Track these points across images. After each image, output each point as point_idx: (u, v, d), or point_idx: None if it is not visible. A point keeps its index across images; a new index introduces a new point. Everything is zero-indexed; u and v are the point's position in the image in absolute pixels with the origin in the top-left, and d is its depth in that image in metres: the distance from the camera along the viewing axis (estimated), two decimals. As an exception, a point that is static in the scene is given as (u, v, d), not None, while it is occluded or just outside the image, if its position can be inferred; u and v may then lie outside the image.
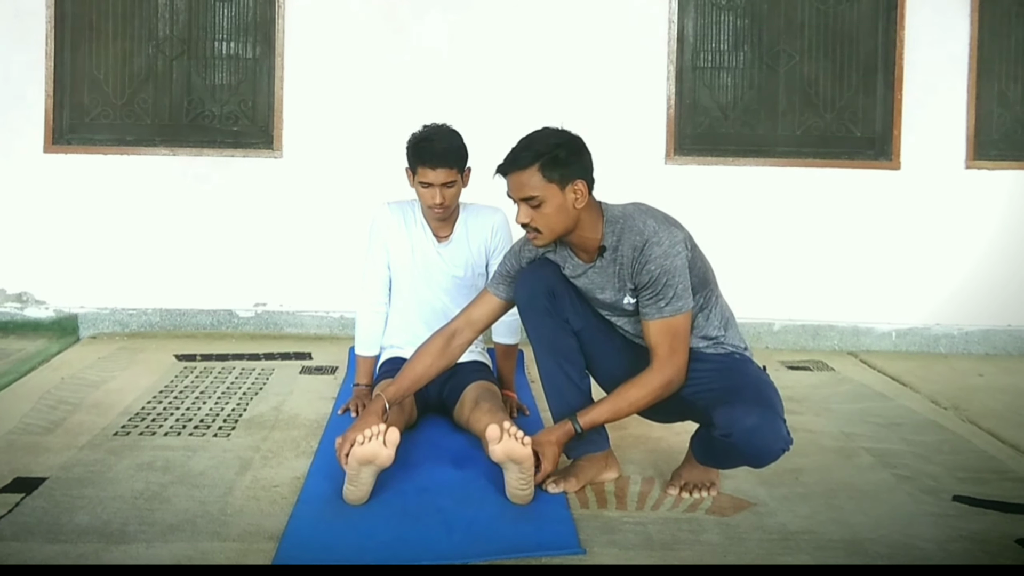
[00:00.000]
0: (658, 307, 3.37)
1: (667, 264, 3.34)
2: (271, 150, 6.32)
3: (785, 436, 3.30)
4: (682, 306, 3.37)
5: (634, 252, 3.39)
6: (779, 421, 3.30)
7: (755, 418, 3.23)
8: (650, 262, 3.35)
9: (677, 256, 3.36)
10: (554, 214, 3.37)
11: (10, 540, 3.08)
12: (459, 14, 6.29)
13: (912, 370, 5.81)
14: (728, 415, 3.25)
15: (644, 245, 3.37)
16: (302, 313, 6.43)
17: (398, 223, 4.38)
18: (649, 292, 3.37)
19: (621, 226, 3.44)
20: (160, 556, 2.99)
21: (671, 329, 3.38)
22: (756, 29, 6.38)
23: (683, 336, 3.41)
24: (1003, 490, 3.73)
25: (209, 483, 3.63)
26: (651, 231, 3.38)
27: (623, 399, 3.43)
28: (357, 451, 3.26)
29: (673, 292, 3.35)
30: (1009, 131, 6.40)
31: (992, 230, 6.38)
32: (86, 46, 6.31)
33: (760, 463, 3.40)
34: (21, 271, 6.35)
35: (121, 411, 4.58)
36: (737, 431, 3.23)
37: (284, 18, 6.26)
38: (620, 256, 3.43)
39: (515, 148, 3.44)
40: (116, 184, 6.30)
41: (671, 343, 3.39)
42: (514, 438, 3.26)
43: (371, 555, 3.01)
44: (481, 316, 3.77)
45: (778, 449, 3.30)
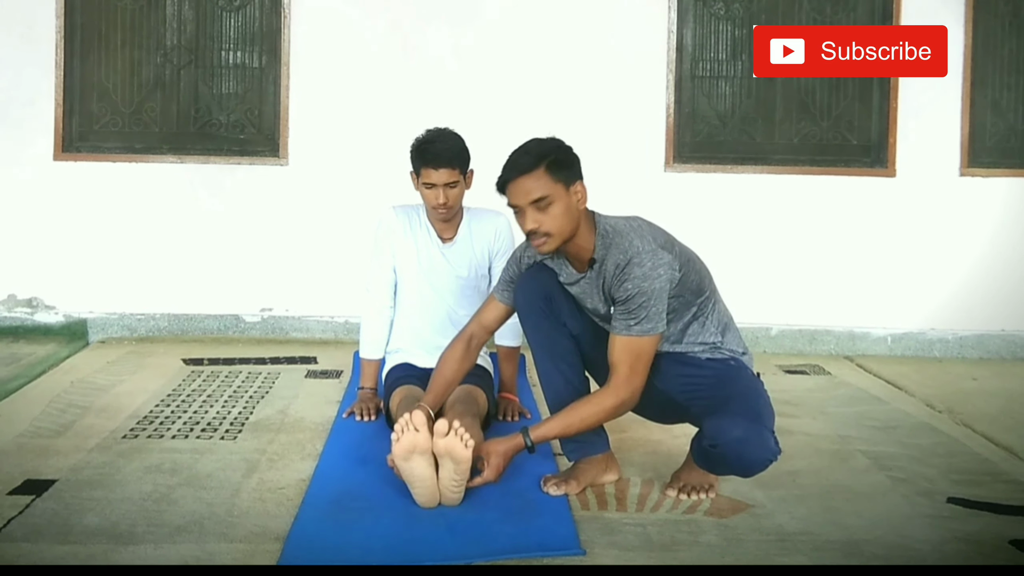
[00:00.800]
0: (627, 324, 3.36)
1: (644, 286, 3.33)
2: (277, 158, 6.32)
3: (772, 447, 3.30)
4: (651, 328, 3.35)
5: (616, 269, 3.39)
6: (766, 432, 3.30)
7: (741, 430, 3.23)
8: (628, 281, 3.34)
9: (657, 279, 3.34)
10: (562, 215, 3.36)
11: (21, 541, 3.09)
12: (462, 26, 6.30)
13: (907, 374, 5.81)
14: (716, 426, 3.27)
15: (626, 264, 3.36)
16: (307, 318, 6.43)
17: (403, 226, 4.39)
18: (622, 309, 3.37)
19: (609, 241, 3.44)
20: (168, 557, 3.00)
21: (634, 349, 3.37)
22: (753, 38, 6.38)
23: (645, 359, 3.40)
24: (997, 492, 3.73)
25: (216, 485, 3.63)
26: (635, 251, 3.37)
27: (575, 415, 3.43)
28: (397, 449, 3.27)
29: (645, 314, 3.33)
30: (1002, 139, 6.40)
31: (986, 237, 6.39)
32: (95, 56, 6.32)
33: (747, 473, 3.42)
34: (31, 277, 6.35)
35: (129, 414, 4.58)
36: (723, 442, 3.25)
37: (290, 28, 6.28)
38: (604, 271, 3.44)
39: (512, 157, 3.43)
40: (125, 191, 6.31)
41: (632, 363, 3.37)
42: (459, 438, 3.25)
43: (375, 556, 3.02)
44: (490, 320, 3.81)
45: (765, 460, 3.31)
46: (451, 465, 3.28)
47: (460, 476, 3.32)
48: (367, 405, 4.48)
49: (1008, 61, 6.40)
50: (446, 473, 3.31)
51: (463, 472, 3.32)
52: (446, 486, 3.34)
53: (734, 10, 6.38)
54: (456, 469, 3.30)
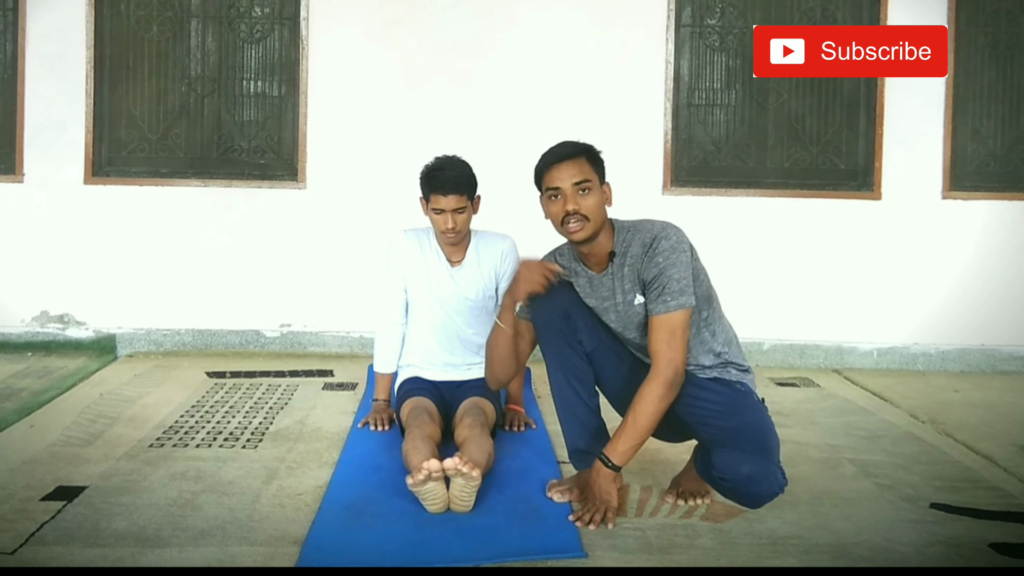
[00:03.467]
0: (663, 301, 3.35)
1: (673, 257, 3.37)
2: (295, 182, 6.34)
3: (779, 480, 3.31)
4: (685, 301, 3.35)
5: (644, 248, 3.42)
6: (774, 468, 3.31)
7: (750, 466, 3.24)
8: (658, 254, 3.37)
9: (683, 252, 3.40)
10: (596, 205, 3.43)
11: (53, 544, 3.11)
12: (471, 59, 6.32)
13: (892, 386, 5.81)
14: (727, 460, 3.26)
15: (653, 240, 3.41)
16: (324, 333, 6.44)
17: (414, 249, 4.39)
18: (656, 286, 3.37)
19: (631, 231, 3.49)
20: (192, 559, 3.02)
21: (670, 326, 3.35)
22: (747, 69, 6.39)
23: (680, 333, 3.36)
24: (977, 498, 3.74)
25: (238, 491, 3.65)
26: (659, 228, 3.45)
27: (637, 418, 3.35)
28: (412, 484, 3.32)
29: (678, 286, 3.35)
30: (982, 164, 6.41)
31: (967, 257, 6.39)
32: (123, 85, 6.35)
33: (753, 505, 3.42)
34: (63, 294, 6.37)
35: (156, 424, 4.59)
36: (733, 477, 3.26)
37: (308, 59, 6.30)
38: (631, 256, 3.45)
39: (553, 148, 3.52)
40: (151, 213, 6.33)
41: (668, 340, 3.34)
42: (466, 467, 3.30)
43: (388, 558, 3.03)
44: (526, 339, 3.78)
45: (771, 494, 3.32)
46: (462, 481, 3.31)
47: (471, 489, 3.34)
48: (381, 416, 4.48)
49: (988, 91, 6.42)
50: (457, 486, 3.34)
51: (473, 486, 3.34)
52: (457, 496, 3.36)
53: (728, 42, 6.41)
54: (467, 485, 3.32)
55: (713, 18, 6.42)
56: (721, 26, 6.41)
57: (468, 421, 3.93)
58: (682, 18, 6.39)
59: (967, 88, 6.40)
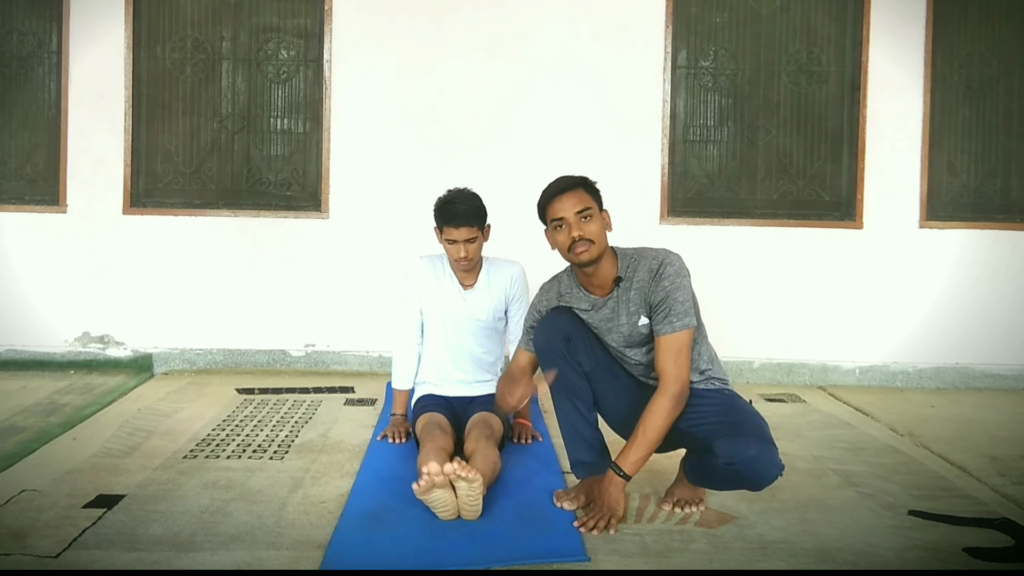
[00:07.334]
0: (669, 322, 3.41)
1: (678, 282, 3.43)
2: (319, 212, 6.36)
3: (779, 463, 3.31)
4: (688, 322, 3.41)
5: (650, 274, 3.47)
6: (774, 450, 3.31)
7: (755, 449, 3.24)
8: (664, 279, 3.42)
9: (686, 277, 3.47)
10: (599, 230, 3.48)
11: (94, 549, 3.12)
12: (481, 97, 6.34)
13: (873, 402, 5.81)
14: (731, 446, 3.25)
15: (660, 266, 3.46)
16: (346, 352, 6.45)
17: (429, 274, 4.41)
18: (662, 308, 3.42)
19: (635, 258, 3.54)
20: (223, 562, 3.03)
21: (675, 345, 3.40)
22: (738, 107, 6.42)
23: (685, 351, 3.42)
24: (952, 505, 3.75)
25: (265, 500, 3.66)
26: (664, 255, 3.50)
27: (647, 430, 3.38)
28: (419, 490, 3.30)
29: (682, 308, 3.41)
30: (957, 196, 6.42)
31: (942, 281, 6.40)
32: (159, 122, 6.39)
33: (758, 487, 3.40)
34: (103, 316, 6.39)
35: (189, 437, 4.61)
36: (740, 460, 3.24)
37: (331, 98, 6.33)
38: (637, 281, 3.49)
39: (553, 182, 3.58)
40: (185, 241, 6.36)
41: (675, 359, 3.39)
42: (462, 469, 3.28)
43: (406, 562, 3.04)
44: (524, 364, 3.79)
45: (774, 474, 3.31)
46: (465, 485, 3.31)
47: (475, 493, 3.34)
48: (399, 429, 4.50)
49: (962, 127, 6.43)
50: (462, 492, 3.34)
51: (477, 489, 3.34)
52: (464, 503, 3.36)
53: (720, 83, 6.43)
54: (470, 488, 3.32)
55: (707, 60, 6.44)
56: (714, 68, 6.44)
57: (476, 434, 3.94)
58: (678, 60, 6.41)
59: (942, 125, 6.41)
